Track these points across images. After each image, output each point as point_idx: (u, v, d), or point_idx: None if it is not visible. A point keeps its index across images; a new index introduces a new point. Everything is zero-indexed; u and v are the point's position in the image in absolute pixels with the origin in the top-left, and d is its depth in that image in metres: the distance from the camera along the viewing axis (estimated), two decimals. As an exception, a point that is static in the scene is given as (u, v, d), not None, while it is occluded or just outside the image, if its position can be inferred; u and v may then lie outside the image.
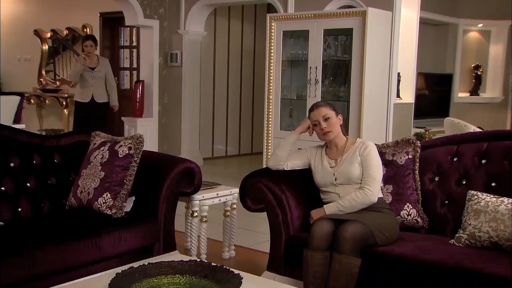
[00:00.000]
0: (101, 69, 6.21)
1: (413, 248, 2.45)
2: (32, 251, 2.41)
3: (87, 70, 6.10)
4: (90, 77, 6.13)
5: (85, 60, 6.11)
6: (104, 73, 6.23)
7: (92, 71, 6.14)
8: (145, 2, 6.83)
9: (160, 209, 2.97)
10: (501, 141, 2.77)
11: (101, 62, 6.28)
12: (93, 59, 6.18)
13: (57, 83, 8.67)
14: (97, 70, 6.17)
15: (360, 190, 2.66)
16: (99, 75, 6.19)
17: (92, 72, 6.13)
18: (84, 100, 6.16)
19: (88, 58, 6.12)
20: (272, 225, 2.85)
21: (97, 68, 6.18)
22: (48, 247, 2.47)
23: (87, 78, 6.12)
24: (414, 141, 2.87)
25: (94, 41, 6.19)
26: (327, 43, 5.30)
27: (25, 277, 2.36)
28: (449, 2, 7.16)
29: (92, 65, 6.17)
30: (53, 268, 2.45)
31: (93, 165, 3.01)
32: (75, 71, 6.13)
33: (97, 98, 6.18)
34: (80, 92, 6.22)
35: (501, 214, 2.42)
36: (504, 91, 7.49)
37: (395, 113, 5.35)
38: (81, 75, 6.12)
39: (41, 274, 2.42)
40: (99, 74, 6.18)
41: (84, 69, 6.09)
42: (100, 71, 6.19)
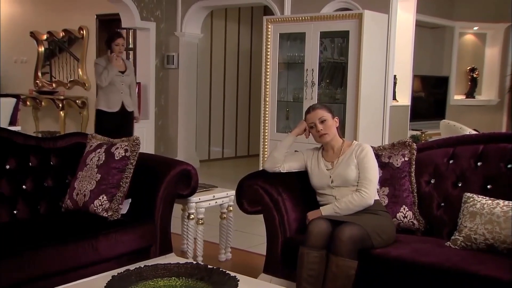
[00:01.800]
0: (130, 73, 5.46)
1: (410, 250, 2.45)
2: (29, 253, 2.40)
3: (117, 74, 5.28)
4: (120, 82, 5.29)
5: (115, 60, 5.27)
6: (131, 78, 5.49)
7: (122, 75, 5.33)
8: (142, 4, 6.83)
9: (157, 212, 2.97)
10: (497, 143, 2.78)
11: (128, 65, 5.51)
12: (120, 61, 5.37)
13: (53, 85, 8.65)
14: (126, 74, 5.37)
15: (357, 193, 2.66)
16: (129, 80, 5.40)
17: (122, 77, 5.32)
18: (112, 109, 5.29)
19: (117, 59, 5.30)
20: (269, 227, 2.85)
21: (127, 71, 5.39)
22: (45, 249, 2.46)
23: (117, 83, 5.27)
24: (410, 143, 2.88)
25: (124, 39, 5.47)
26: (323, 46, 5.31)
27: (22, 279, 2.36)
28: (445, 5, 7.18)
29: (122, 68, 5.36)
30: (50, 270, 2.45)
31: (89, 167, 3.00)
32: (111, 74, 5.20)
33: (127, 107, 5.38)
34: (106, 100, 5.29)
35: (497, 216, 2.43)
36: (499, 94, 7.52)
37: (392, 116, 5.36)
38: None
39: (38, 276, 2.41)
40: (128, 79, 5.39)
41: (112, 72, 5.26)
42: (129, 76, 5.41)
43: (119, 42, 5.25)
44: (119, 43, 5.24)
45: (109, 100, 5.27)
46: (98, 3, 7.30)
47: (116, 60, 5.25)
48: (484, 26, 7.44)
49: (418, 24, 5.84)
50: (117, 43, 5.23)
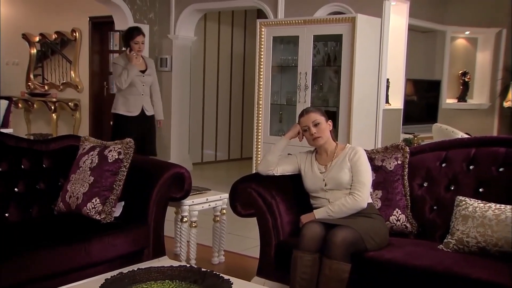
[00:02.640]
0: (151, 73, 4.93)
1: (403, 253, 2.46)
2: (21, 256, 2.38)
3: (137, 74, 4.76)
4: (141, 83, 4.79)
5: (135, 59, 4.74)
6: (153, 78, 4.96)
7: (143, 75, 4.82)
8: (135, 7, 6.82)
9: (150, 215, 2.96)
10: (489, 147, 2.80)
11: (149, 63, 4.97)
12: (140, 59, 4.84)
13: (45, 87, 8.61)
14: (147, 74, 4.87)
15: (350, 196, 2.67)
16: (150, 80, 4.90)
17: (143, 77, 4.81)
18: (131, 113, 4.79)
19: (137, 58, 4.76)
20: (262, 230, 2.85)
21: (147, 71, 4.88)
22: (37, 252, 2.44)
23: (137, 84, 4.77)
24: (403, 146, 2.89)
25: (144, 35, 4.87)
26: (316, 49, 5.33)
27: (13, 283, 2.34)
28: (437, 10, 7.23)
29: (142, 67, 4.84)
30: (42, 274, 2.43)
31: (82, 170, 2.99)
32: (131, 75, 4.69)
33: (147, 110, 4.88)
34: (124, 102, 4.80)
35: (489, 219, 2.44)
36: (491, 98, 7.57)
37: (384, 119, 5.38)
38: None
39: (30, 279, 2.39)
40: (149, 79, 4.89)
41: (132, 72, 4.72)
42: (150, 76, 4.89)
43: (139, 39, 4.72)
44: (138, 41, 4.72)
45: (129, 103, 4.78)
46: (91, 5, 7.28)
47: (135, 59, 4.73)
48: (475, 30, 7.50)
49: (410, 28, 5.88)
50: (136, 41, 4.71)
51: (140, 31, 4.78)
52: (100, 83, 8.13)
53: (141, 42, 4.74)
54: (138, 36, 4.72)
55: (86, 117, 8.15)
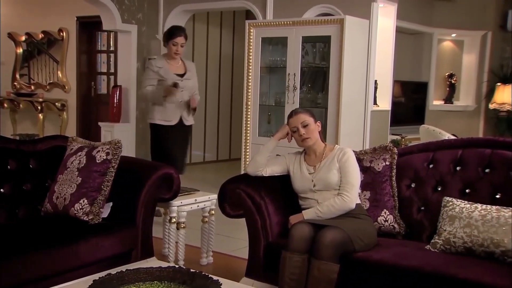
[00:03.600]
0: (191, 77, 4.38)
1: (391, 254, 2.48)
2: (7, 259, 2.36)
3: (174, 78, 4.25)
4: (180, 88, 4.25)
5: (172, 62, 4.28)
6: (193, 83, 4.43)
7: (181, 79, 4.29)
8: (123, 7, 6.78)
9: (138, 215, 2.95)
10: (475, 148, 2.83)
11: (189, 67, 4.43)
12: (179, 61, 4.39)
13: (31, 87, 8.53)
14: (187, 78, 4.33)
15: (339, 196, 2.68)
16: (189, 85, 4.35)
17: (182, 81, 4.28)
18: (169, 122, 4.30)
19: (173, 60, 4.32)
20: (251, 231, 2.85)
21: (187, 75, 4.35)
22: (24, 254, 2.42)
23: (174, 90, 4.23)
24: (391, 148, 2.91)
25: (186, 37, 4.37)
26: (305, 50, 5.35)
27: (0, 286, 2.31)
28: (424, 12, 7.29)
29: (180, 71, 4.33)
30: (28, 276, 2.41)
31: (69, 171, 2.97)
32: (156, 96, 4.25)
33: (186, 119, 4.38)
34: (161, 110, 4.29)
35: (475, 220, 2.47)
36: (476, 100, 7.66)
37: (372, 120, 5.41)
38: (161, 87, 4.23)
39: (16, 282, 2.36)
40: (188, 83, 4.34)
41: (167, 76, 4.22)
42: (189, 80, 4.35)
43: (178, 41, 4.27)
44: (177, 42, 4.26)
45: (166, 111, 4.27)
46: (78, 5, 7.21)
47: (173, 60, 4.32)
48: (461, 33, 7.58)
49: (398, 30, 5.92)
50: (175, 41, 4.26)
51: (182, 32, 4.34)
52: (88, 84, 8.08)
53: (180, 44, 4.29)
54: (178, 37, 4.28)
55: (73, 118, 8.09)
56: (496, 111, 7.33)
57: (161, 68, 4.27)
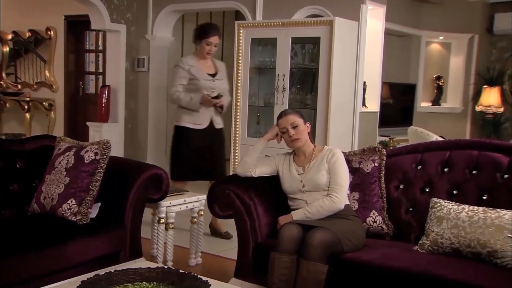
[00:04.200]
0: (222, 77, 4.16)
1: (379, 255, 2.49)
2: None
3: (206, 78, 4.02)
4: (210, 89, 4.01)
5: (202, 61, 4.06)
6: (224, 84, 4.18)
7: (213, 79, 4.06)
8: (112, 7, 6.74)
9: (127, 216, 2.93)
10: (463, 150, 2.86)
11: (219, 67, 4.19)
12: (209, 60, 4.15)
13: (18, 86, 8.44)
14: (218, 79, 4.09)
15: (328, 197, 2.69)
16: (220, 86, 4.11)
17: (213, 81, 4.04)
18: (199, 125, 4.05)
19: (204, 60, 4.08)
20: (240, 232, 2.85)
21: (218, 75, 4.11)
22: (10, 255, 2.40)
23: (205, 90, 4.01)
24: (380, 149, 2.93)
25: (220, 36, 4.12)
26: (294, 51, 5.35)
27: (-15, 286, 2.29)
28: (412, 15, 7.35)
29: (211, 70, 4.10)
30: (15, 277, 2.38)
31: (57, 171, 2.94)
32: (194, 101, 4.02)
33: (216, 123, 4.14)
34: (191, 113, 4.06)
35: (462, 221, 2.49)
36: (463, 102, 7.73)
37: (361, 121, 5.44)
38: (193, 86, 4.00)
39: (3, 283, 2.34)
40: (220, 84, 4.10)
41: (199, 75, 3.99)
42: (221, 80, 4.13)
43: (213, 41, 4.01)
44: (212, 42, 4.01)
45: (196, 113, 4.02)
46: (66, 3, 7.16)
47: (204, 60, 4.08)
48: (449, 36, 7.65)
49: (387, 32, 5.96)
50: (209, 41, 4.01)
51: (216, 31, 4.06)
52: (76, 83, 8.01)
53: (214, 44, 4.04)
54: (213, 37, 4.00)
55: (61, 117, 8.02)
56: (482, 113, 7.41)
57: (192, 67, 4.03)
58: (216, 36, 4.03)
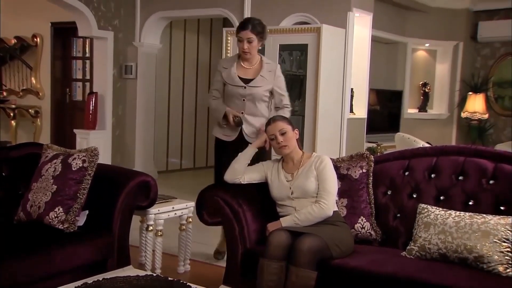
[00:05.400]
0: (263, 84, 3.42)
1: (367, 260, 2.50)
2: (-21, 268, 2.31)
3: (236, 83, 3.43)
4: (240, 97, 3.42)
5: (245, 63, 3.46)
6: (269, 89, 3.46)
7: (245, 86, 3.41)
8: (99, 13, 6.73)
9: (115, 223, 2.92)
10: (448, 156, 2.89)
11: (265, 69, 3.45)
12: (255, 62, 3.47)
13: (4, 93, 8.36)
14: (253, 85, 3.40)
15: (316, 204, 2.70)
16: (256, 93, 3.41)
17: (244, 88, 3.41)
18: (228, 137, 3.51)
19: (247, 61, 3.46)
20: (229, 238, 2.85)
21: (256, 80, 3.41)
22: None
23: (235, 98, 3.44)
24: (368, 155, 2.95)
25: (257, 32, 3.38)
26: (282, 58, 5.39)
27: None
28: (398, 22, 7.44)
29: (249, 75, 3.45)
30: (3, 286, 2.35)
31: (44, 178, 2.92)
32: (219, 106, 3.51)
33: (247, 135, 3.45)
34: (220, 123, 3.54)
35: (449, 226, 2.52)
36: (449, 108, 7.82)
37: (349, 128, 5.48)
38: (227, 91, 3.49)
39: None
40: (255, 92, 3.41)
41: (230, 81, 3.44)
42: (258, 87, 3.41)
43: (243, 35, 3.35)
44: (242, 37, 3.36)
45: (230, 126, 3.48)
46: (53, 10, 7.13)
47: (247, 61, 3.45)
48: (434, 43, 7.75)
49: (373, 39, 6.02)
50: (240, 37, 3.38)
51: (248, 24, 3.37)
52: (63, 90, 7.96)
53: (246, 39, 3.35)
54: (242, 31, 3.36)
55: (47, 125, 7.96)
56: (468, 119, 7.51)
57: (225, 69, 3.49)
58: (247, 30, 3.34)
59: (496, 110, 7.80)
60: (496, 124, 7.75)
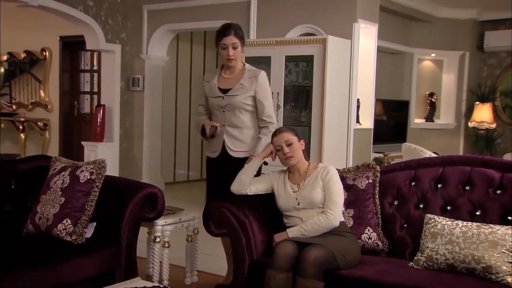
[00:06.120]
0: (243, 92, 3.19)
1: (374, 271, 2.50)
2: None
3: (215, 94, 3.25)
4: (220, 108, 3.24)
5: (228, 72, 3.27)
6: (250, 97, 3.20)
7: (223, 95, 3.22)
8: (107, 27, 6.80)
9: (122, 235, 2.93)
10: (455, 166, 2.89)
11: (245, 77, 3.23)
12: (239, 70, 3.27)
13: (13, 106, 8.46)
14: (231, 94, 3.19)
15: (323, 215, 2.70)
16: (238, 102, 3.18)
17: (222, 99, 3.21)
18: (213, 154, 3.30)
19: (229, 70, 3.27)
20: (235, 249, 2.85)
21: (235, 89, 3.19)
22: (3, 276, 2.38)
23: (216, 110, 3.27)
24: (374, 165, 2.95)
25: (240, 36, 3.22)
26: (288, 69, 5.41)
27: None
28: (404, 32, 7.45)
29: (229, 85, 3.23)
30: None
31: (53, 191, 2.94)
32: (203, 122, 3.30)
33: (231, 149, 3.23)
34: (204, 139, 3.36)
35: (456, 236, 2.51)
36: (456, 118, 7.80)
37: (355, 138, 5.47)
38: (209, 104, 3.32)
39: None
40: (236, 100, 3.18)
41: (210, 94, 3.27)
42: (239, 96, 3.19)
43: (227, 42, 3.17)
44: (226, 44, 3.17)
45: (210, 140, 3.29)
46: (61, 24, 7.22)
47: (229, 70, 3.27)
48: (440, 53, 7.75)
49: (379, 49, 6.03)
50: (223, 44, 3.18)
51: (230, 30, 3.19)
52: (71, 103, 8.04)
53: (231, 45, 3.17)
54: (225, 38, 3.17)
55: (55, 137, 8.03)
56: (475, 129, 7.48)
57: (207, 83, 3.31)
58: (231, 36, 3.16)
59: (503, 120, 7.77)
60: (504, 134, 7.71)
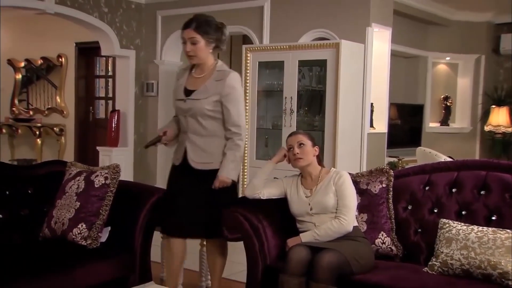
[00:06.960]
0: (206, 95, 2.84)
1: (389, 276, 2.48)
2: (3, 283, 2.35)
3: (178, 97, 2.94)
4: (182, 112, 2.93)
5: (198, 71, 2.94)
6: (215, 101, 2.85)
7: (185, 99, 2.90)
8: (122, 33, 6.87)
9: (137, 240, 2.95)
10: (471, 170, 2.86)
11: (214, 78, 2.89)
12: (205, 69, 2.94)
13: (30, 112, 8.58)
14: (194, 98, 2.86)
15: (336, 219, 2.69)
16: (200, 107, 2.85)
17: (184, 102, 2.90)
18: (176, 160, 3.03)
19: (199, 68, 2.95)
20: (249, 254, 2.85)
21: (198, 92, 2.87)
22: (20, 280, 2.41)
23: (180, 115, 2.98)
24: (388, 170, 2.94)
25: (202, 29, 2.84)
26: (301, 74, 5.40)
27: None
28: (418, 36, 7.40)
29: (194, 86, 2.91)
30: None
31: (68, 195, 2.98)
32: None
33: (192, 160, 2.92)
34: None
35: (472, 242, 2.48)
36: (472, 122, 7.72)
37: (369, 143, 5.44)
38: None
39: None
40: (197, 105, 2.86)
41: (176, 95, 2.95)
42: (201, 100, 2.85)
43: (185, 36, 2.85)
44: (184, 38, 2.86)
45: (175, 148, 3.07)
46: (77, 31, 7.31)
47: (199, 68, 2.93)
48: (455, 56, 7.68)
49: (393, 53, 6.00)
50: (182, 37, 2.89)
51: (186, 24, 2.87)
52: (86, 108, 8.13)
53: (189, 40, 2.83)
54: (183, 31, 2.86)
55: (71, 142, 8.11)
56: (491, 133, 7.39)
57: (177, 81, 3.03)
58: (189, 29, 2.82)
59: (520, 123, 7.67)
60: (521, 138, 7.61)
